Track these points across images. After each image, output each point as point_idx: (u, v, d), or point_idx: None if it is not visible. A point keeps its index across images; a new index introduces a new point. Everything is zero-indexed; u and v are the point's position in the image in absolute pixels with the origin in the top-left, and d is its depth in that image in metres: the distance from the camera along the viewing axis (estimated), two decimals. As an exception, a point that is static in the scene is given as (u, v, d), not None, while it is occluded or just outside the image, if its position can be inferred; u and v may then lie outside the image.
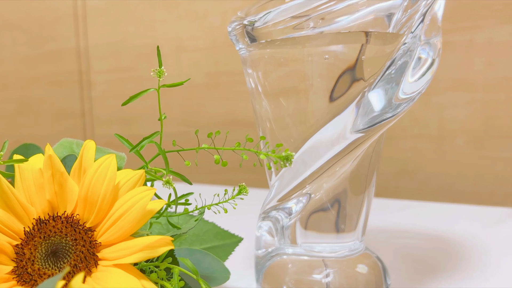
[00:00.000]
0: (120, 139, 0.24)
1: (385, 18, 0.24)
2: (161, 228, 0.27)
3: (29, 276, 0.19)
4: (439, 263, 0.35)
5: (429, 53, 0.25)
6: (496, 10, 0.54)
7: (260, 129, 0.29)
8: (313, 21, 0.24)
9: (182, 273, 0.22)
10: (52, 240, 0.20)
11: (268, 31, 0.25)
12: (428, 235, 0.41)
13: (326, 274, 0.27)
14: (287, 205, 0.28)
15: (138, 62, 0.77)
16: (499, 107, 0.55)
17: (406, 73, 0.25)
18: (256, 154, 0.22)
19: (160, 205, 0.19)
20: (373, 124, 0.25)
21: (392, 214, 0.48)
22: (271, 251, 0.30)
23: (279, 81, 0.27)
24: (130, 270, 0.19)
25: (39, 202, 0.20)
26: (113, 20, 0.78)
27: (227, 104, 0.71)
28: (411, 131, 0.60)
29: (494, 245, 0.38)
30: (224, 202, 0.23)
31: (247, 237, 0.32)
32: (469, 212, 0.49)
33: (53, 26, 0.83)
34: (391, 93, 0.25)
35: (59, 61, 0.84)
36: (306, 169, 0.27)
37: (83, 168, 0.21)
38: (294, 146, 0.27)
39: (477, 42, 0.55)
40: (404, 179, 0.61)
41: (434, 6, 0.25)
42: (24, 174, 0.21)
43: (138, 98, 0.22)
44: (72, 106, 0.84)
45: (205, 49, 0.72)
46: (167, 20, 0.74)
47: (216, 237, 0.30)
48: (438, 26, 0.26)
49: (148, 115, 0.77)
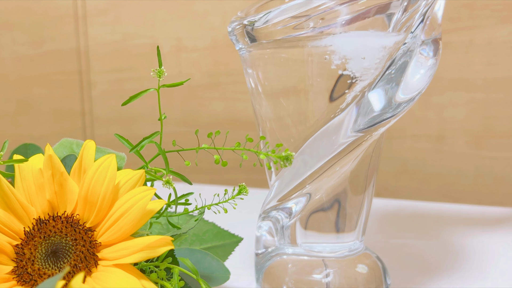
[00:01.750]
0: (120, 139, 0.24)
1: (385, 18, 0.24)
2: (161, 228, 0.27)
3: (29, 276, 0.19)
4: (439, 263, 0.35)
5: (429, 53, 0.25)
6: (496, 10, 0.54)
7: (260, 129, 0.29)
8: (313, 21, 0.24)
9: (182, 273, 0.22)
10: (52, 240, 0.20)
11: (268, 31, 0.25)
12: (428, 235, 0.41)
13: (326, 274, 0.27)
14: (287, 205, 0.28)
15: (138, 62, 0.77)
16: (499, 107, 0.55)
17: (406, 73, 0.25)
18: (256, 154, 0.22)
19: (160, 205, 0.19)
20: (373, 124, 0.25)
21: (392, 214, 0.48)
22: (271, 251, 0.30)
23: (279, 81, 0.27)
24: (130, 270, 0.19)
25: (39, 202, 0.20)
26: (113, 20, 0.78)
27: (227, 104, 0.71)
28: (411, 131, 0.60)
29: (494, 245, 0.38)
30: (224, 202, 0.23)
31: (247, 237, 0.32)
32: (469, 212, 0.49)
33: (53, 26, 0.83)
34: (391, 93, 0.25)
35: (59, 61, 0.84)
36: (306, 169, 0.27)
37: (83, 168, 0.21)
38: (294, 146, 0.27)
39: (477, 42, 0.55)
40: (404, 179, 0.61)
41: (434, 6, 0.25)
42: (24, 174, 0.21)
43: (138, 98, 0.22)
44: (72, 106, 0.84)
45: (205, 49, 0.72)
46: (167, 20, 0.74)
47: (216, 237, 0.30)
48: (438, 26, 0.26)
49: (148, 115, 0.77)
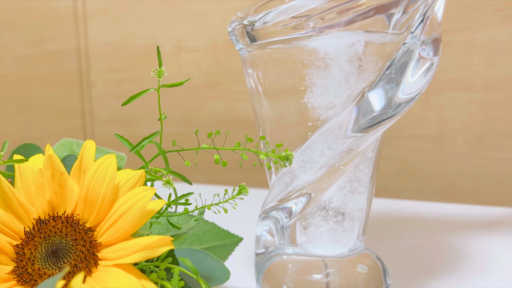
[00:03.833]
0: (120, 139, 0.24)
1: (385, 18, 0.24)
2: (161, 228, 0.27)
3: (29, 276, 0.19)
4: (439, 263, 0.35)
5: (429, 53, 0.25)
6: (496, 10, 0.54)
7: (260, 129, 0.29)
8: (313, 21, 0.24)
9: (182, 273, 0.22)
10: (52, 240, 0.20)
11: (268, 31, 0.25)
12: (428, 235, 0.41)
13: (326, 274, 0.27)
14: (287, 205, 0.28)
15: (138, 62, 0.77)
16: (499, 107, 0.55)
17: (406, 73, 0.25)
18: (256, 154, 0.22)
19: (160, 205, 0.19)
20: (373, 124, 0.25)
21: (392, 214, 0.48)
22: (271, 251, 0.30)
23: (279, 81, 0.27)
24: (130, 270, 0.19)
25: (39, 202, 0.20)
26: (113, 20, 0.78)
27: (227, 104, 0.71)
28: (411, 131, 0.60)
29: (494, 245, 0.38)
30: (224, 202, 0.23)
31: (247, 237, 0.32)
32: (469, 212, 0.49)
33: (53, 26, 0.83)
34: (391, 93, 0.25)
35: (59, 61, 0.84)
36: (306, 169, 0.27)
37: (83, 168, 0.21)
38: (294, 146, 0.27)
39: (477, 42, 0.55)
40: (404, 179, 0.61)
41: (434, 6, 0.25)
42: (24, 174, 0.21)
43: (138, 98, 0.22)
44: (72, 106, 0.84)
45: (205, 49, 0.72)
46: (167, 20, 0.74)
47: (216, 237, 0.30)
48: (438, 26, 0.26)
49: (148, 115, 0.77)
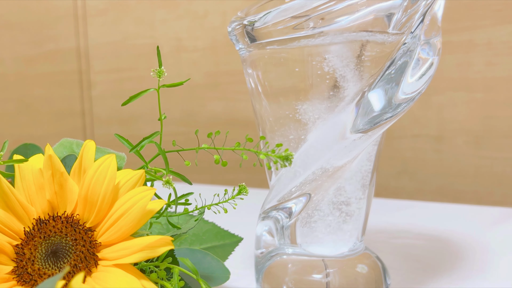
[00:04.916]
0: (120, 139, 0.24)
1: (385, 18, 0.24)
2: (161, 228, 0.27)
3: (29, 276, 0.19)
4: (439, 263, 0.35)
5: (429, 53, 0.25)
6: (496, 10, 0.54)
7: (260, 129, 0.29)
8: (313, 21, 0.24)
9: (182, 273, 0.22)
10: (52, 240, 0.20)
11: (268, 31, 0.25)
12: (428, 235, 0.41)
13: (326, 274, 0.27)
14: (287, 205, 0.28)
15: (138, 62, 0.77)
16: (499, 107, 0.55)
17: (406, 73, 0.25)
18: (256, 154, 0.22)
19: (160, 205, 0.19)
20: (373, 124, 0.25)
21: (392, 214, 0.48)
22: (271, 251, 0.30)
23: (279, 81, 0.27)
24: (130, 270, 0.19)
25: (39, 202, 0.20)
26: (113, 20, 0.78)
27: (227, 104, 0.71)
28: (411, 131, 0.60)
29: (494, 245, 0.38)
30: (224, 202, 0.23)
31: (247, 237, 0.32)
32: (469, 212, 0.49)
33: (53, 26, 0.83)
34: (391, 93, 0.25)
35: (59, 61, 0.84)
36: (306, 169, 0.27)
37: (83, 168, 0.21)
38: (293, 146, 0.27)
39: (477, 42, 0.55)
40: (404, 179, 0.61)
41: (434, 6, 0.25)
42: (24, 174, 0.21)
43: (138, 98, 0.22)
44: (72, 106, 0.84)
45: (205, 49, 0.72)
46: (167, 20, 0.74)
47: (216, 237, 0.30)
48: (438, 26, 0.26)
49: (148, 115, 0.77)
